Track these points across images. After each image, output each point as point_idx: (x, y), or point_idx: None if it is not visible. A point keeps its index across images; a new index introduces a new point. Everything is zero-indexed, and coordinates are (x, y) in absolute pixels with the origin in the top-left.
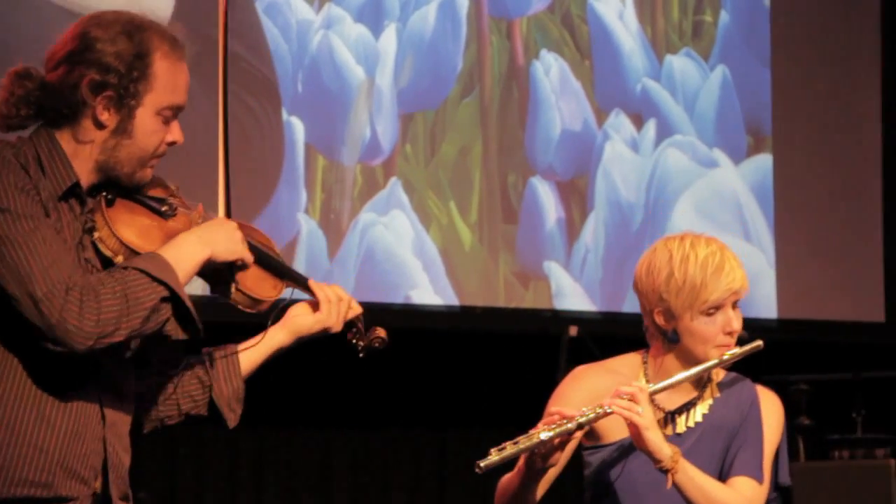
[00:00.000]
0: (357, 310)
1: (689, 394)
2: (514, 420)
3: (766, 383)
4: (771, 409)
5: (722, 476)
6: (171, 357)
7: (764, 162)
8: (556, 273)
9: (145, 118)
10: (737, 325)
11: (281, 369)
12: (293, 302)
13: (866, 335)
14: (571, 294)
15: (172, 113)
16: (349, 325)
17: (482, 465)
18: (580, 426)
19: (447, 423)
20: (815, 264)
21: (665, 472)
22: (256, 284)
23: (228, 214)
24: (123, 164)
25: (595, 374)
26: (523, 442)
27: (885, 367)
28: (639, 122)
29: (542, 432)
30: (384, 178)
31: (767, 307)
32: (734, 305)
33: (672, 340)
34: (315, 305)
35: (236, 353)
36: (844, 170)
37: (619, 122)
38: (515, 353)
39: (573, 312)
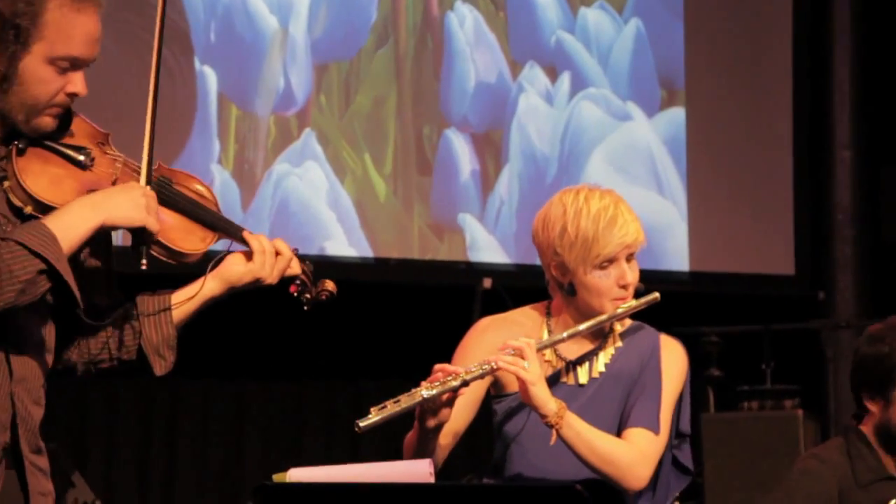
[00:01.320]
0: (296, 268)
1: (591, 343)
2: (428, 371)
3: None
4: (672, 358)
5: (621, 426)
6: (114, 303)
7: (677, 115)
8: (471, 225)
9: (34, 66)
10: (631, 277)
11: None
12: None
13: (776, 288)
14: (486, 246)
15: (70, 64)
16: (291, 278)
17: (361, 424)
18: (465, 383)
19: (361, 374)
20: (727, 217)
21: (551, 426)
22: (182, 237)
23: (151, 166)
24: (15, 111)
25: (497, 327)
26: (405, 401)
27: (794, 319)
28: (553, 74)
29: (425, 390)
30: (298, 130)
31: (679, 260)
32: (629, 258)
33: (569, 293)
34: (250, 256)
35: (169, 300)
36: (756, 123)
37: (534, 75)
38: (430, 305)
39: (487, 265)
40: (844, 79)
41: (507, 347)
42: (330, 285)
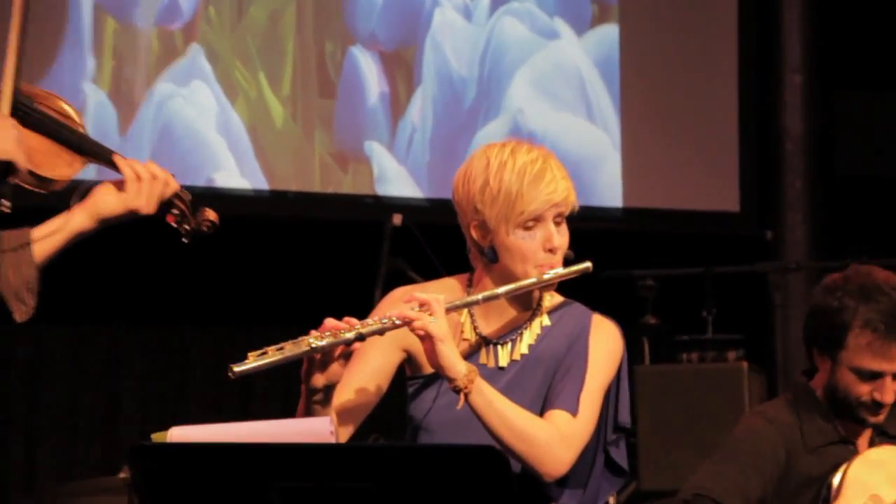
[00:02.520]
0: (175, 187)
1: (514, 322)
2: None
3: (609, 279)
4: (602, 339)
5: (542, 413)
6: None
7: (609, 33)
8: (379, 155)
9: None
10: (559, 241)
11: (72, 258)
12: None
13: (719, 226)
14: (396, 178)
15: None
16: (168, 206)
17: (236, 369)
18: (360, 337)
19: (254, 320)
20: (664, 148)
21: (458, 391)
22: (48, 161)
23: (17, 86)
24: None
25: (410, 291)
26: (290, 349)
27: (739, 261)
28: None
29: (313, 339)
30: (184, 45)
31: (612, 194)
32: (558, 222)
33: (490, 259)
34: (122, 184)
35: (29, 234)
36: (697, 43)
37: None
38: (333, 243)
39: (397, 199)
40: None
41: (412, 300)
42: (211, 214)
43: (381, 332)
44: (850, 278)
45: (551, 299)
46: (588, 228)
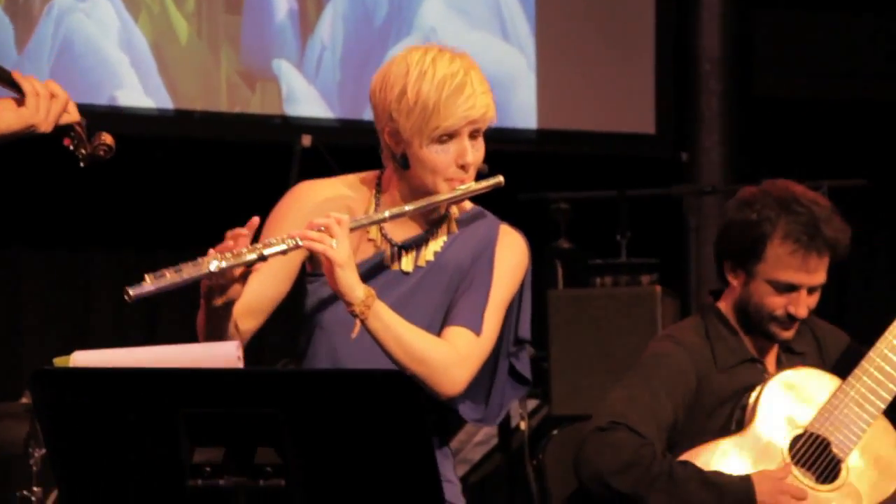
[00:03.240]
0: (74, 114)
1: (422, 228)
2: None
3: (523, 202)
4: (509, 252)
5: (444, 323)
6: None
7: None
8: (288, 73)
9: None
10: (472, 157)
11: None
12: None
13: (634, 148)
14: (305, 98)
15: None
16: (65, 129)
17: (132, 292)
18: (262, 257)
19: (160, 243)
20: (580, 69)
21: (355, 316)
22: None
23: None
24: None
25: (316, 194)
26: (188, 271)
27: (654, 184)
28: None
29: (214, 261)
30: None
31: (526, 116)
32: (474, 136)
33: (402, 166)
34: (20, 101)
35: None
36: None
37: None
38: (240, 165)
39: (307, 119)
40: None
41: (314, 225)
42: (108, 138)
43: (283, 252)
44: (767, 191)
45: (462, 207)
46: (502, 150)
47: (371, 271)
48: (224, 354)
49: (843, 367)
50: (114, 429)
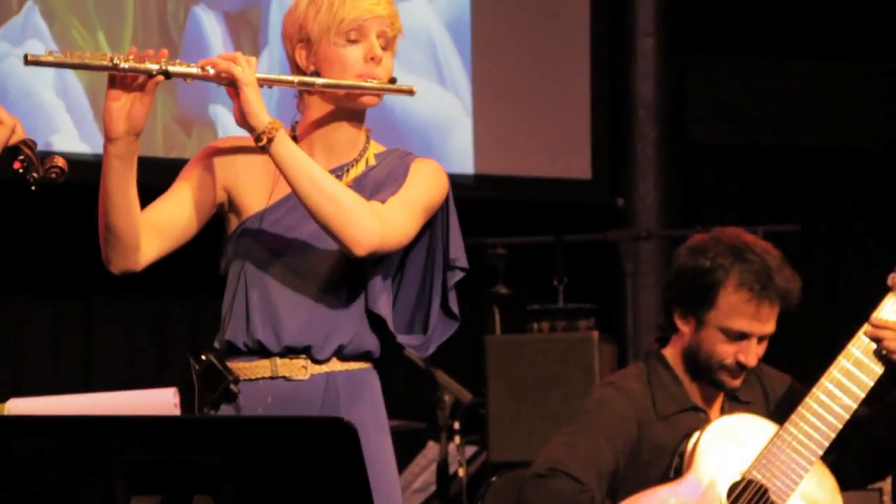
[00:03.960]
0: (21, 135)
1: (342, 160)
2: (177, 285)
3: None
4: (423, 165)
5: None
6: None
7: None
8: (224, 118)
9: None
10: (380, 52)
11: None
12: None
13: (570, 193)
14: None
15: None
16: (15, 151)
17: (29, 57)
18: (166, 73)
19: (94, 288)
20: (516, 113)
21: (261, 143)
22: None
23: None
24: None
25: (228, 141)
26: (90, 57)
27: (590, 229)
28: None
29: (117, 58)
30: (18, 3)
31: (463, 161)
32: (383, 45)
33: (314, 85)
34: None
35: None
36: (549, 8)
37: None
38: None
39: None
40: None
41: (219, 56)
42: (60, 161)
43: (190, 76)
44: (719, 239)
45: (378, 146)
46: None
47: (293, 200)
48: (161, 401)
49: (787, 410)
50: (49, 477)
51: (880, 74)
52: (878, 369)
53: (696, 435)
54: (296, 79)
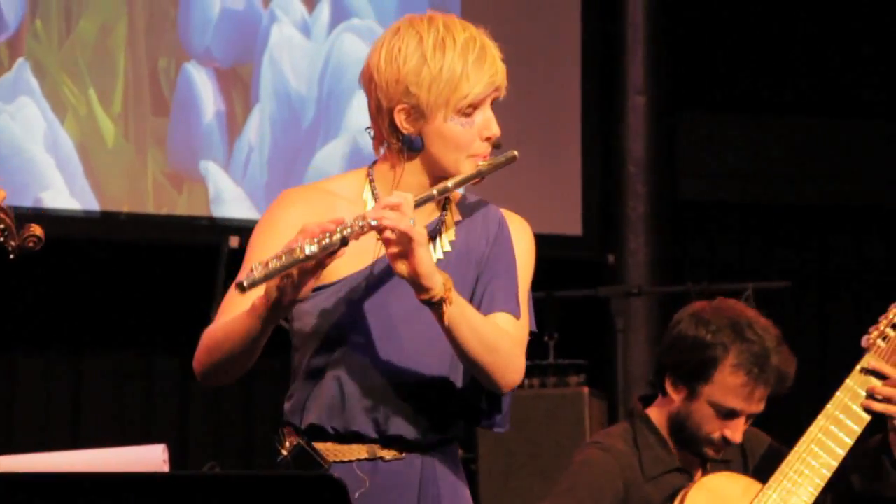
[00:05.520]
0: None
1: (427, 218)
2: (167, 342)
3: None
4: (522, 234)
5: (475, 307)
6: None
7: None
8: (215, 175)
9: None
10: (496, 129)
11: None
12: None
13: (561, 250)
14: (232, 199)
15: None
16: None
17: (245, 284)
18: (345, 241)
19: (86, 345)
20: (507, 169)
21: (433, 304)
22: None
23: None
24: None
25: (308, 197)
26: (286, 257)
27: (581, 285)
28: (310, 2)
29: (307, 245)
30: (9, 60)
31: None
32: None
33: (414, 147)
34: None
35: None
36: (540, 66)
37: (288, 2)
38: (167, 267)
39: (234, 220)
40: (638, 16)
41: (383, 205)
42: (37, 230)
43: (360, 234)
44: (721, 311)
45: (454, 194)
46: None
47: (390, 268)
48: (150, 458)
49: (766, 469)
50: None
51: (871, 132)
52: (858, 428)
53: (681, 494)
54: (435, 191)
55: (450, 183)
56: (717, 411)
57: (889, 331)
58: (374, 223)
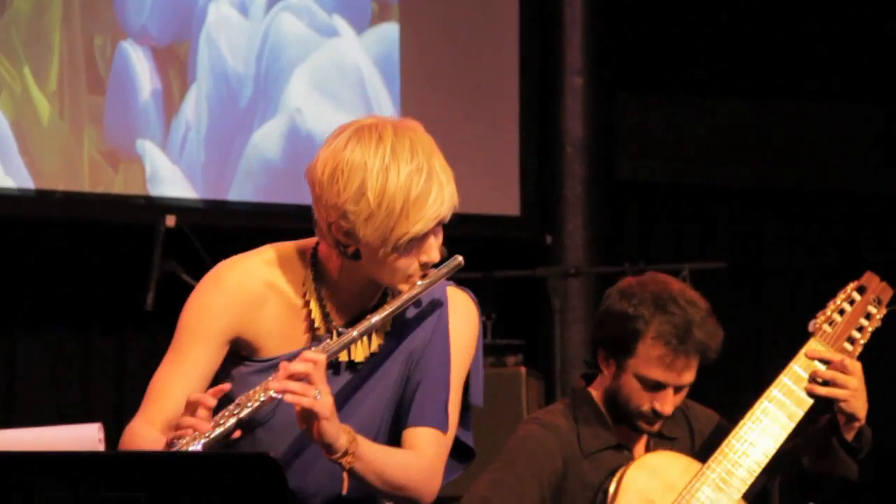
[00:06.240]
0: None
1: (364, 305)
2: (103, 321)
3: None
4: (462, 324)
5: (402, 408)
6: None
7: (389, 32)
8: (152, 154)
9: None
10: (437, 255)
11: None
12: None
13: (499, 230)
14: (169, 178)
15: None
16: None
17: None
18: (240, 423)
19: (19, 324)
20: (445, 149)
21: (337, 463)
22: None
23: None
24: None
25: (244, 273)
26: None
27: (518, 265)
28: None
29: (200, 439)
30: None
31: None
32: (436, 229)
33: (352, 258)
34: None
35: None
36: (479, 45)
37: None
38: (103, 245)
39: (171, 199)
40: None
41: (291, 374)
42: None
43: (259, 409)
44: (646, 285)
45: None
46: None
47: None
48: (85, 437)
49: (713, 449)
50: None
51: (805, 113)
52: (800, 411)
53: (619, 472)
54: (356, 332)
55: (375, 318)
56: (643, 384)
57: (836, 316)
58: (276, 396)
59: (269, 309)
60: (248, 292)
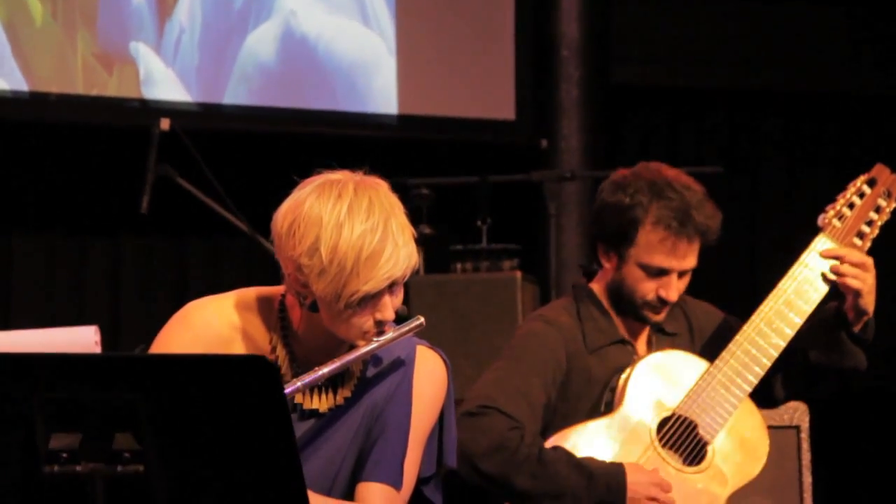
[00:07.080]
0: None
1: (330, 355)
2: (98, 224)
3: None
4: (426, 383)
5: (359, 462)
6: None
7: None
8: (146, 56)
9: None
10: (391, 314)
11: None
12: None
13: (494, 134)
14: (163, 81)
15: None
16: None
17: None
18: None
19: (15, 226)
20: (440, 53)
21: None
22: None
23: None
24: None
25: (212, 313)
26: None
27: (514, 169)
28: None
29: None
30: None
31: (387, 101)
32: (393, 289)
33: (310, 309)
34: None
35: None
36: None
37: None
38: (97, 148)
39: (165, 103)
40: None
41: None
42: None
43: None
44: (640, 174)
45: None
46: (362, 136)
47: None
48: (82, 339)
49: (717, 345)
50: None
51: (804, 15)
52: (808, 308)
53: (626, 370)
54: (325, 370)
55: (324, 370)
56: (647, 271)
57: (846, 210)
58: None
59: (235, 351)
60: (215, 333)
